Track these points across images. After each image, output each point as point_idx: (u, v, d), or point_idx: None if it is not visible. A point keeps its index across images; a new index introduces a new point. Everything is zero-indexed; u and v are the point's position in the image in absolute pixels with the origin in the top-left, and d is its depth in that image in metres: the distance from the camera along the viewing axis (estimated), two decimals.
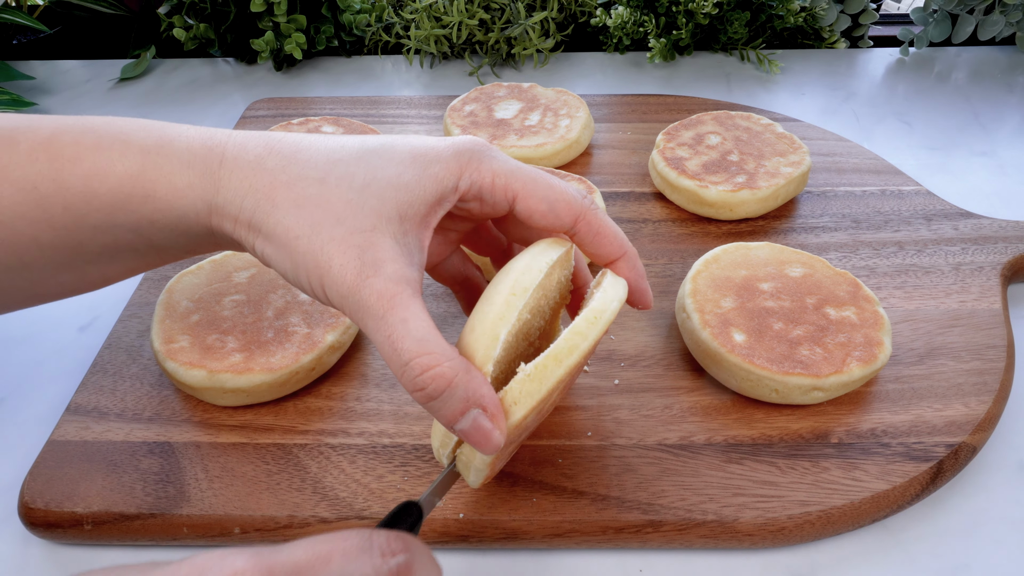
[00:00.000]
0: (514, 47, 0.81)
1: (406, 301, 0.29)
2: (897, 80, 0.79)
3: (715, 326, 0.44)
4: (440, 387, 0.28)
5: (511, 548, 0.39)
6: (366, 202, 0.30)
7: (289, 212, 0.30)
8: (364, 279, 0.29)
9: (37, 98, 0.80)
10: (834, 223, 0.57)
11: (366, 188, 0.30)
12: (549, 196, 0.33)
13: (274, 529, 0.39)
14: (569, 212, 0.33)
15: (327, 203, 0.30)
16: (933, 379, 0.45)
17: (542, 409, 0.33)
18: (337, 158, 0.31)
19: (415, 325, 0.29)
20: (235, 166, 0.31)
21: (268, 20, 0.80)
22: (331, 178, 0.30)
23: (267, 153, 0.31)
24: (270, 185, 0.30)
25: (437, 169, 0.32)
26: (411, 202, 0.31)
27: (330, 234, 0.29)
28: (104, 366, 0.47)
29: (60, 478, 0.41)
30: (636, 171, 0.64)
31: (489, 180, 0.33)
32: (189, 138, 0.32)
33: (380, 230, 0.30)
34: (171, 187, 0.31)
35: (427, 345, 0.28)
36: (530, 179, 0.33)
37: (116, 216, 0.31)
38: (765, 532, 0.38)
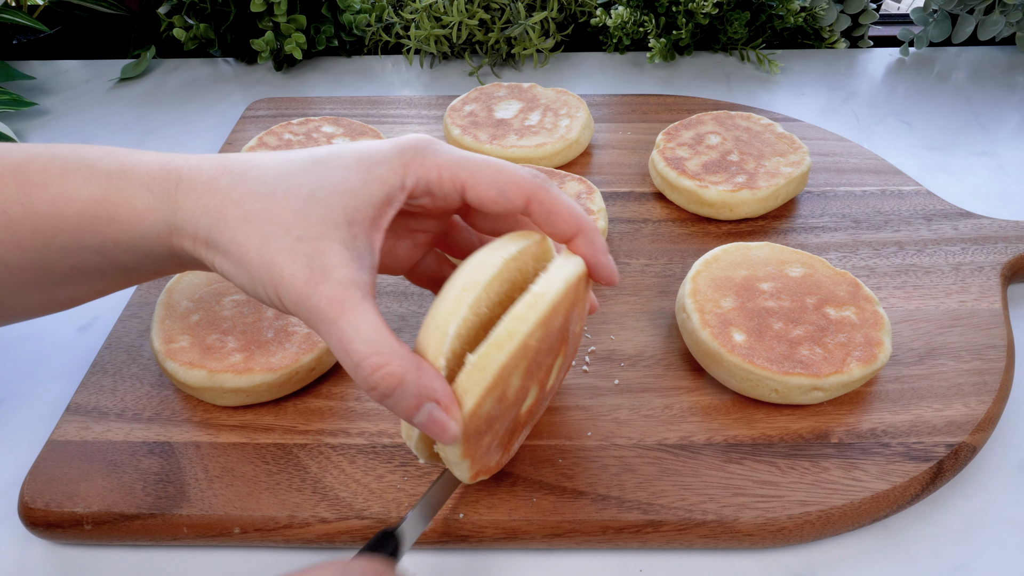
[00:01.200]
0: (514, 47, 0.81)
1: (355, 304, 0.30)
2: (897, 80, 0.79)
3: (715, 326, 0.44)
4: (392, 385, 0.29)
5: (511, 548, 0.39)
6: (313, 211, 0.31)
7: (240, 228, 0.31)
8: (313, 286, 0.30)
9: (37, 98, 0.80)
10: (834, 223, 0.57)
11: (312, 197, 0.31)
12: (498, 180, 0.33)
13: (274, 529, 0.39)
14: (520, 193, 0.34)
15: (275, 216, 0.31)
16: (933, 379, 0.45)
17: (513, 398, 0.33)
18: (284, 171, 0.32)
19: (364, 327, 0.30)
20: (190, 187, 0.32)
21: (268, 20, 0.80)
22: (278, 191, 0.31)
23: (220, 173, 0.32)
24: (222, 203, 0.31)
25: (381, 170, 0.32)
26: (357, 206, 0.32)
27: (279, 245, 0.30)
28: (104, 366, 0.47)
29: (60, 478, 0.41)
30: (636, 171, 0.64)
31: (435, 174, 0.33)
32: (149, 163, 0.33)
33: (328, 237, 0.31)
34: (133, 209, 0.32)
35: (376, 345, 0.30)
36: (476, 167, 0.33)
37: (82, 238, 0.33)
38: (765, 532, 0.38)
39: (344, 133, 0.65)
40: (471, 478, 0.35)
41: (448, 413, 0.31)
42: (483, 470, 0.36)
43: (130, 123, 0.76)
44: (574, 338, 0.38)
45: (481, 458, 0.34)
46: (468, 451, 0.33)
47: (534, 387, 0.35)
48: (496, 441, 0.35)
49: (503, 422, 0.34)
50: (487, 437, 0.34)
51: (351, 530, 0.39)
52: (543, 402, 0.39)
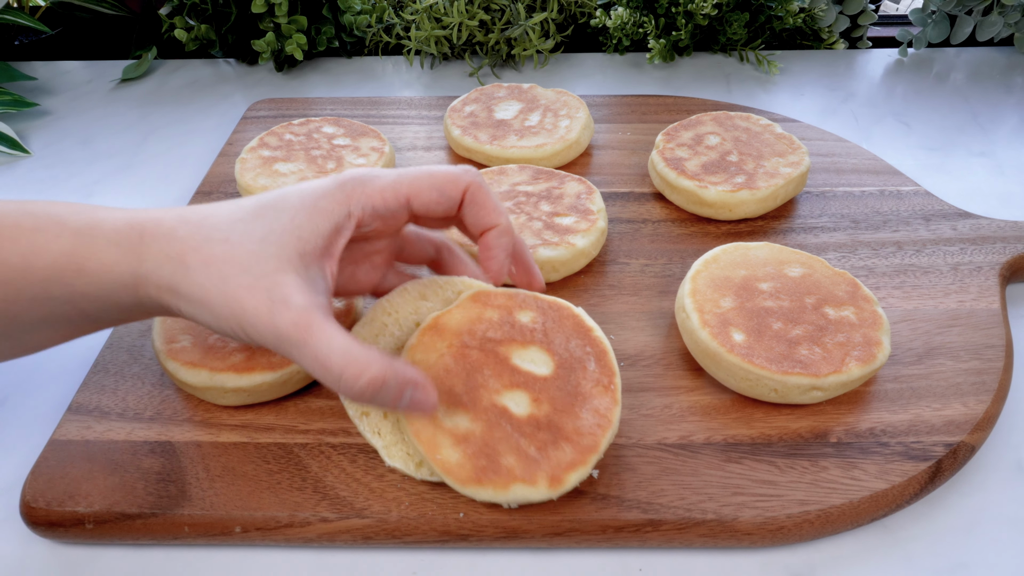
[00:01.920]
0: (514, 48, 0.81)
1: (320, 323, 0.33)
2: (896, 81, 0.80)
3: (714, 326, 0.44)
4: (376, 386, 0.33)
5: (511, 548, 0.39)
6: (267, 250, 0.34)
7: (200, 271, 0.33)
8: (277, 314, 0.32)
9: (38, 99, 0.80)
10: (833, 223, 0.57)
11: (265, 239, 0.34)
12: (436, 182, 0.37)
13: (275, 528, 0.39)
14: (456, 187, 0.38)
15: (233, 257, 0.33)
16: (932, 379, 0.45)
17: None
18: (237, 218, 0.35)
19: (335, 343, 0.33)
20: (152, 239, 0.34)
21: (269, 21, 0.80)
22: (234, 236, 0.34)
23: (179, 224, 0.35)
24: (182, 251, 0.34)
25: (324, 204, 0.35)
26: (308, 239, 0.34)
27: (238, 282, 0.33)
28: (105, 366, 0.47)
29: (61, 477, 0.41)
30: (636, 171, 0.64)
31: (379, 198, 0.36)
32: (115, 219, 0.35)
33: (283, 270, 0.33)
34: (100, 262, 0.34)
35: (350, 355, 0.33)
36: (414, 178, 0.37)
37: (51, 289, 0.34)
38: (764, 531, 0.38)
39: (345, 133, 0.65)
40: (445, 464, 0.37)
41: (424, 391, 0.35)
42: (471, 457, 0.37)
43: (131, 124, 0.76)
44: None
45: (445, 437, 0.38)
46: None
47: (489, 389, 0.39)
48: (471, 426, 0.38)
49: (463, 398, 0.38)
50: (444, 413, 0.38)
51: (352, 529, 0.39)
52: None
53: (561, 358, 0.40)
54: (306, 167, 0.61)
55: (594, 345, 0.41)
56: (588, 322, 0.42)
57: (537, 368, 0.40)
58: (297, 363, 0.34)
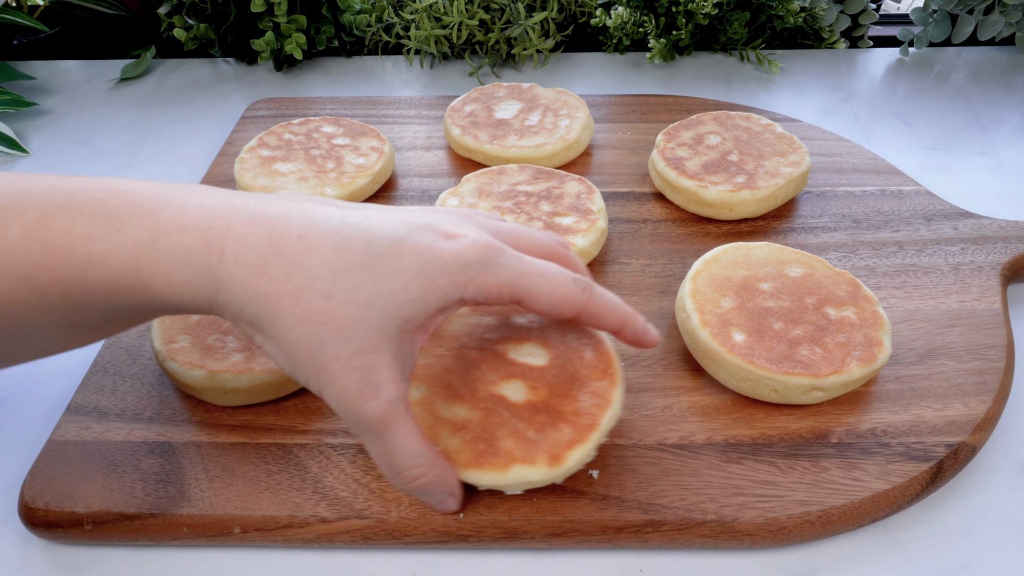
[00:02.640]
0: (514, 47, 0.81)
1: (401, 420, 0.33)
2: (897, 80, 0.79)
3: (715, 326, 0.44)
4: (424, 487, 0.35)
5: (511, 548, 0.39)
6: (371, 321, 0.31)
7: (294, 325, 0.31)
8: (365, 402, 0.31)
9: (37, 98, 0.80)
10: (834, 223, 0.57)
11: (371, 305, 0.31)
12: (553, 299, 0.35)
13: (274, 529, 0.39)
14: (570, 309, 0.35)
15: (333, 320, 0.31)
16: (933, 379, 0.45)
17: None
18: (344, 266, 0.31)
19: (409, 443, 0.33)
20: (235, 268, 0.31)
21: (268, 20, 0.80)
22: (337, 292, 0.31)
23: (271, 254, 0.31)
24: (274, 294, 0.30)
25: (443, 283, 0.32)
26: (413, 317, 0.32)
27: (335, 353, 0.31)
28: (104, 366, 0.47)
29: (60, 478, 0.41)
30: (636, 171, 0.64)
31: (494, 293, 0.34)
32: (184, 230, 0.31)
33: (381, 349, 0.31)
34: (168, 283, 0.31)
35: (417, 459, 0.34)
36: (535, 285, 0.34)
37: (114, 301, 0.31)
38: (765, 532, 0.38)
39: (344, 133, 0.65)
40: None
41: (455, 499, 0.37)
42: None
43: (130, 123, 0.76)
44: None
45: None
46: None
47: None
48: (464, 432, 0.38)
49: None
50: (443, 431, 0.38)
51: (351, 530, 0.39)
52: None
53: (557, 350, 0.40)
54: (305, 167, 0.61)
55: (590, 337, 0.41)
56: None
57: (534, 360, 0.40)
58: (363, 441, 0.34)
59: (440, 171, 0.65)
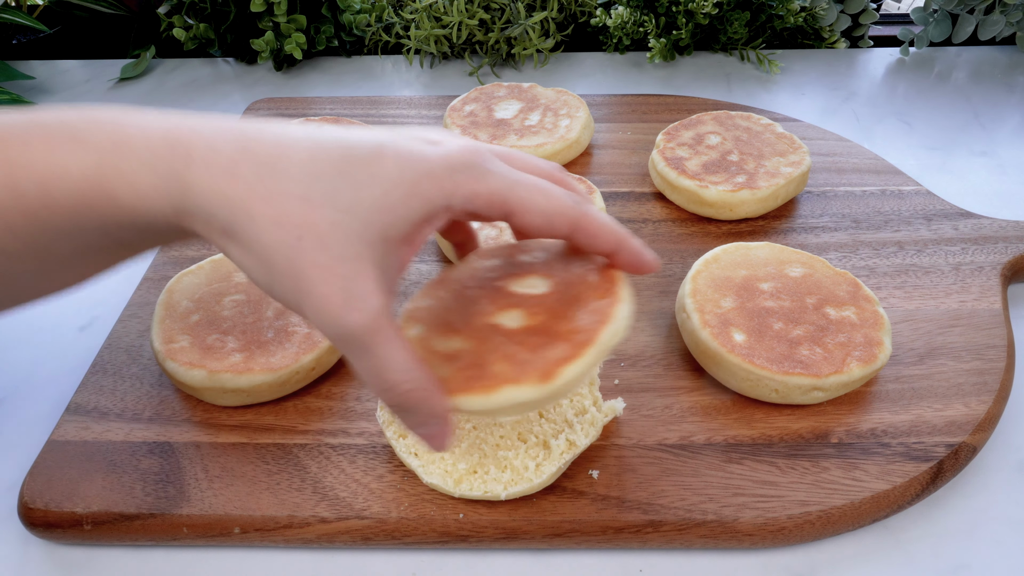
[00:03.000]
0: (514, 47, 0.81)
1: (388, 331, 0.30)
2: (897, 80, 0.79)
3: (715, 326, 0.44)
4: (413, 402, 0.32)
5: (511, 548, 0.39)
6: (350, 225, 0.29)
7: (269, 229, 0.29)
8: (348, 312, 0.29)
9: (37, 98, 0.80)
10: (834, 223, 0.57)
11: (351, 210, 0.29)
12: (546, 209, 0.33)
13: (274, 529, 0.39)
14: (565, 222, 0.33)
15: (311, 224, 0.29)
16: (933, 379, 0.45)
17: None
18: (319, 171, 0.29)
19: (398, 357, 0.31)
20: (205, 170, 0.29)
21: (268, 20, 0.80)
22: (314, 196, 0.29)
23: (241, 156, 0.29)
24: (247, 196, 0.29)
25: (427, 187, 0.30)
26: (395, 223, 0.30)
27: (313, 258, 0.29)
28: (104, 366, 0.47)
29: (60, 478, 0.41)
30: (636, 171, 0.64)
31: (484, 198, 0.32)
32: (148, 133, 0.29)
33: (363, 257, 0.29)
34: (133, 190, 0.29)
35: (409, 374, 0.31)
36: (526, 194, 0.32)
37: (79, 217, 0.30)
38: (765, 532, 0.38)
39: None
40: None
41: (444, 429, 0.33)
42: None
43: None
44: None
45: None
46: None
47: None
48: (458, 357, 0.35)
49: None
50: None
51: (351, 530, 0.39)
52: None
53: (560, 278, 0.37)
54: None
55: (596, 263, 0.37)
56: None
57: (535, 290, 0.37)
58: (350, 361, 0.31)
59: None
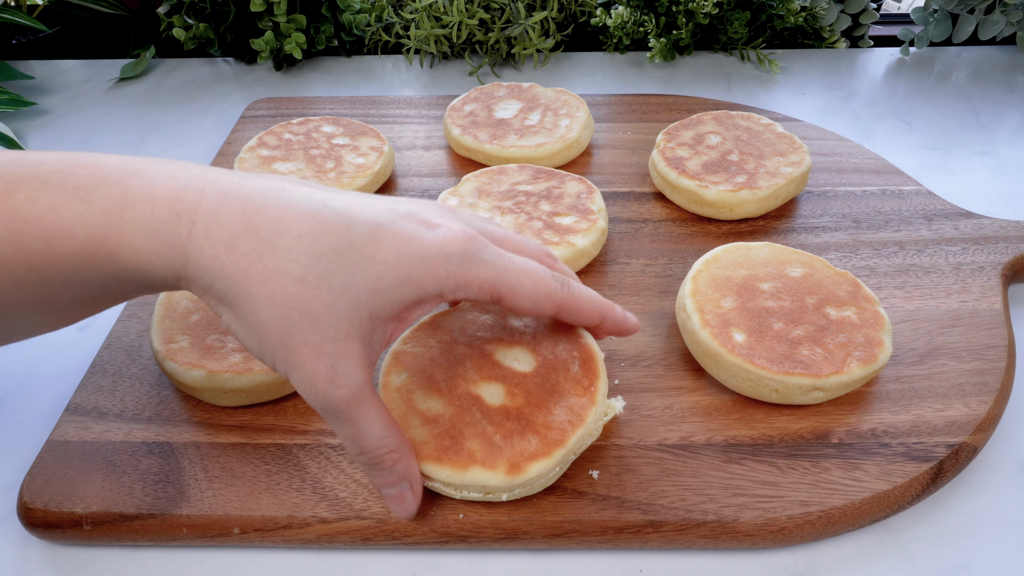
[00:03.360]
0: (514, 47, 0.81)
1: (369, 403, 0.32)
2: (897, 80, 0.79)
3: (715, 326, 0.44)
4: (388, 467, 0.35)
5: (511, 548, 0.39)
6: (343, 308, 0.30)
7: (264, 307, 0.30)
8: (334, 389, 0.31)
9: (36, 98, 0.80)
10: (834, 223, 0.57)
11: (344, 292, 0.30)
12: (533, 295, 0.35)
13: (274, 529, 0.39)
14: (551, 305, 0.36)
15: (305, 305, 0.30)
16: (934, 379, 0.45)
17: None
18: (319, 251, 0.30)
19: (376, 426, 0.33)
20: (206, 242, 0.30)
21: (268, 20, 0.80)
22: (311, 277, 0.30)
23: (243, 231, 0.30)
24: (245, 273, 0.29)
25: (421, 275, 0.31)
26: (386, 305, 0.31)
27: (304, 338, 0.30)
28: (103, 366, 0.47)
29: (59, 478, 0.41)
30: (636, 171, 0.64)
31: (475, 287, 0.33)
32: (153, 200, 0.30)
33: (351, 337, 0.31)
34: (135, 253, 0.30)
35: (384, 441, 0.34)
36: (516, 281, 0.34)
37: (82, 274, 0.30)
38: (765, 532, 0.38)
39: (344, 133, 0.65)
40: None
41: (413, 494, 0.36)
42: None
43: (130, 123, 0.76)
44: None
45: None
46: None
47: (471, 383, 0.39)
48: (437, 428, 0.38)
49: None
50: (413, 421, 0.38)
51: (351, 530, 0.39)
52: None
53: (545, 358, 0.40)
54: (305, 166, 0.61)
55: (581, 350, 0.40)
56: (580, 329, 0.41)
57: (519, 365, 0.40)
58: (330, 424, 0.33)
59: (440, 171, 0.65)
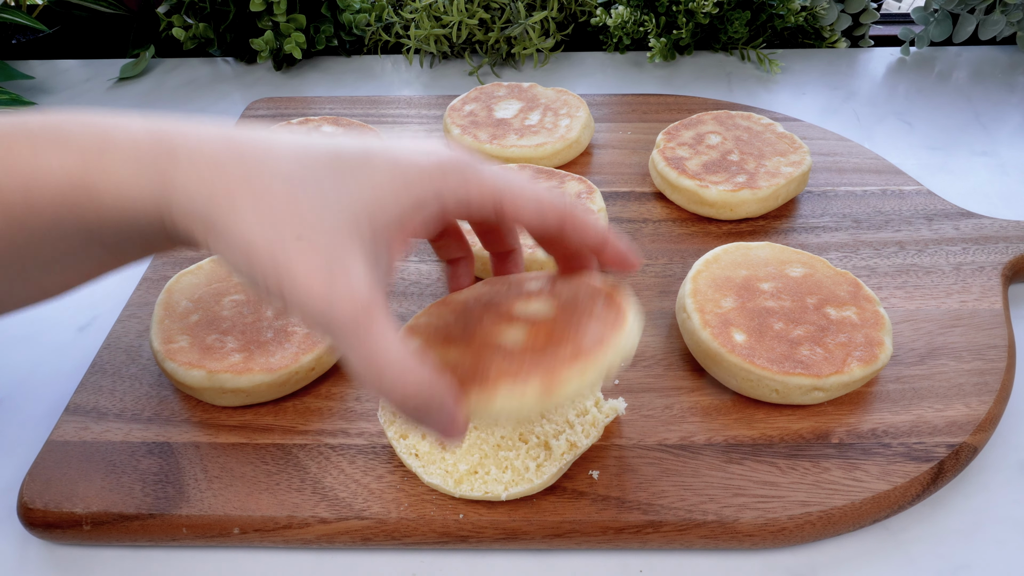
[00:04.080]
0: (514, 47, 0.81)
1: (383, 316, 0.27)
2: (898, 80, 0.79)
3: (715, 326, 0.44)
4: (421, 401, 0.29)
5: (511, 548, 0.39)
6: (336, 219, 0.28)
7: (248, 214, 0.27)
8: (336, 288, 0.26)
9: (36, 97, 0.80)
10: (835, 223, 0.57)
11: (338, 204, 0.28)
12: (539, 204, 0.33)
13: (273, 529, 0.39)
14: (555, 215, 0.33)
15: (294, 202, 0.27)
16: (934, 379, 0.45)
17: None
18: (307, 166, 0.28)
19: (395, 347, 0.28)
20: (189, 162, 0.28)
21: (267, 19, 0.80)
22: (300, 195, 0.28)
23: (227, 155, 0.28)
24: (227, 180, 0.28)
25: (416, 184, 0.30)
26: (386, 213, 0.29)
27: (296, 232, 0.27)
28: (103, 366, 0.47)
29: (59, 478, 0.41)
30: (636, 171, 0.64)
31: (476, 193, 0.31)
32: (133, 132, 0.29)
33: (351, 241, 0.28)
34: (116, 188, 0.28)
35: (407, 365, 0.28)
36: (519, 190, 0.33)
37: (62, 219, 0.29)
38: (765, 532, 0.38)
39: (344, 133, 0.65)
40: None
41: (456, 422, 0.30)
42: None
43: None
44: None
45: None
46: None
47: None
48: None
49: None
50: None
51: (351, 530, 0.39)
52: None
53: (565, 305, 0.35)
54: None
55: (604, 291, 0.35)
56: (602, 280, 0.36)
57: (538, 314, 0.35)
58: (338, 348, 0.28)
59: None
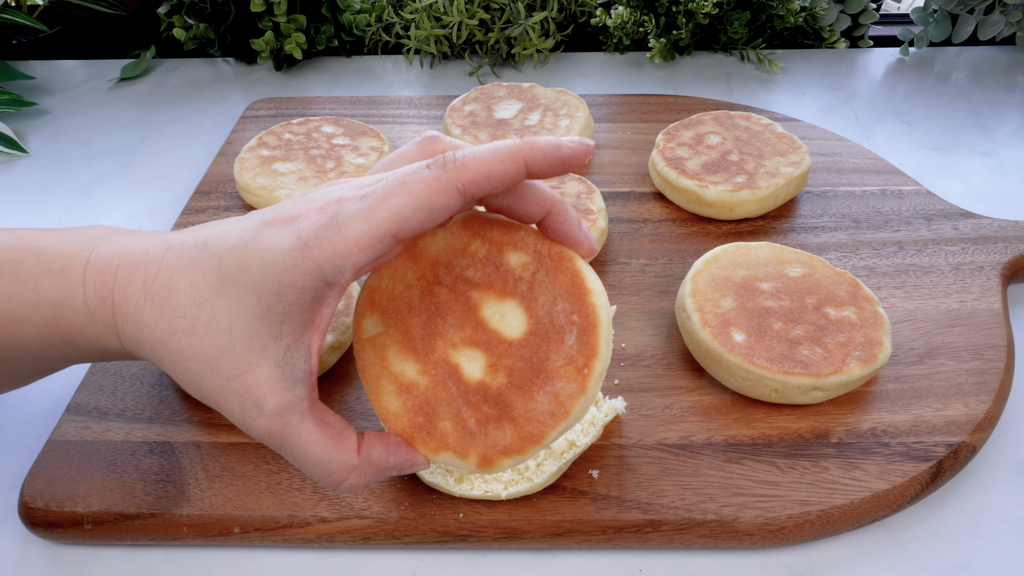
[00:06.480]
0: (514, 47, 0.81)
1: (295, 429, 0.31)
2: (897, 80, 0.79)
3: (715, 326, 0.44)
4: (355, 486, 0.33)
5: (511, 548, 0.39)
6: (237, 343, 0.30)
7: (173, 366, 0.32)
8: (251, 422, 0.31)
9: (37, 98, 0.80)
10: (834, 223, 0.57)
11: (233, 328, 0.30)
12: (420, 202, 0.29)
13: (274, 529, 0.39)
14: (448, 198, 0.30)
15: (201, 355, 0.31)
16: (933, 379, 0.45)
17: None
18: (201, 298, 0.31)
19: (310, 451, 0.32)
20: (124, 321, 0.33)
21: (268, 20, 0.80)
22: (199, 326, 0.31)
23: (144, 302, 0.32)
24: (150, 341, 0.32)
25: (289, 280, 0.29)
26: (280, 322, 0.30)
27: (210, 384, 0.31)
28: (104, 366, 0.47)
29: (60, 478, 0.41)
30: (636, 171, 0.64)
31: (356, 254, 0.29)
32: (86, 289, 0.33)
33: (255, 366, 0.30)
34: (85, 338, 0.34)
35: (326, 467, 0.32)
36: (394, 206, 0.29)
37: (42, 353, 0.34)
38: (765, 532, 0.38)
39: (344, 133, 0.65)
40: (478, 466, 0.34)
41: (409, 459, 0.33)
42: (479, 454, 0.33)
43: (130, 123, 0.76)
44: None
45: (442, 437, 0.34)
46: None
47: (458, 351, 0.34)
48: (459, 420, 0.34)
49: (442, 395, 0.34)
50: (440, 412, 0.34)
51: (351, 530, 0.39)
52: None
53: (539, 320, 0.33)
54: (305, 166, 0.61)
55: (583, 314, 0.33)
56: (588, 283, 0.33)
57: (507, 327, 0.34)
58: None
59: None
